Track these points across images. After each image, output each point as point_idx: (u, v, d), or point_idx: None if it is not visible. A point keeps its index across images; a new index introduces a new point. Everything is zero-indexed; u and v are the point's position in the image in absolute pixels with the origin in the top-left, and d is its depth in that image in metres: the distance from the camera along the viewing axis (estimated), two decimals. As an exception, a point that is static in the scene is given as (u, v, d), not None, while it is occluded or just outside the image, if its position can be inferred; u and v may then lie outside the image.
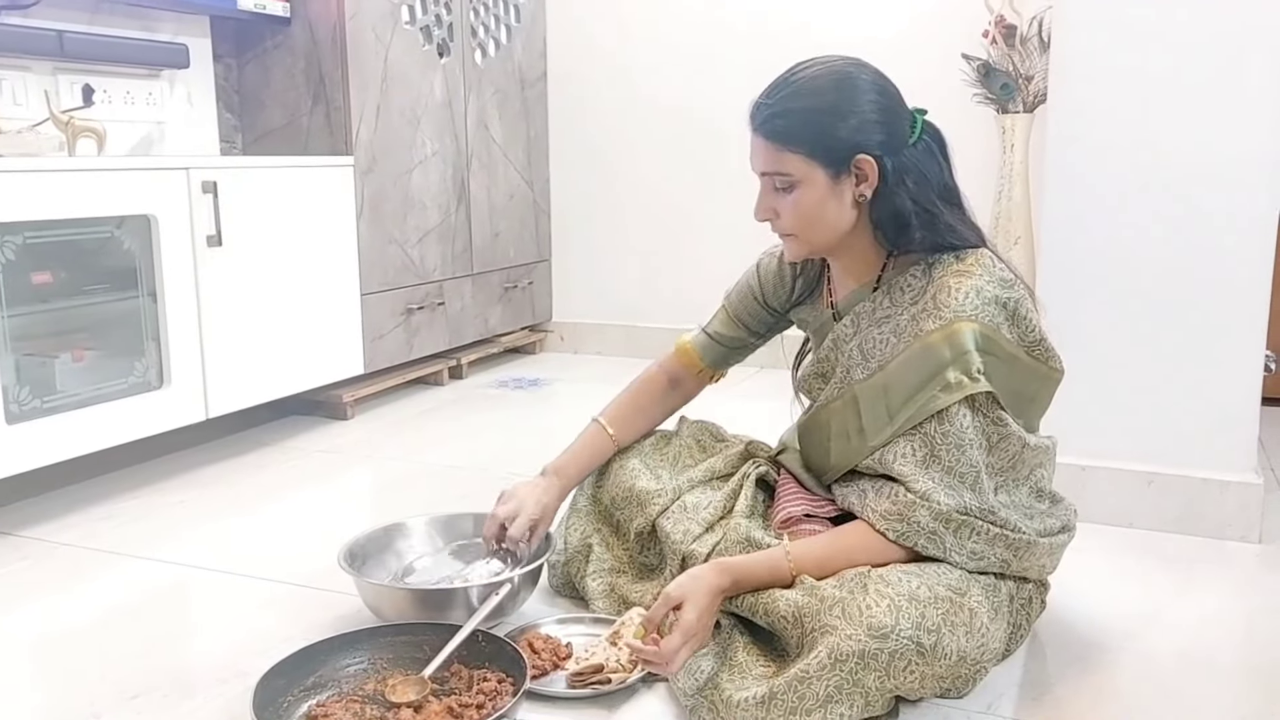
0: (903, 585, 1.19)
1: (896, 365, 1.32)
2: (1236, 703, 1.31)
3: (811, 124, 1.29)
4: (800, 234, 1.35)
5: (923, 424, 1.29)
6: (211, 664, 1.42)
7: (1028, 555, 1.33)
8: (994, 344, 1.29)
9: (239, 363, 2.34)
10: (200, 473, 2.28)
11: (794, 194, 1.32)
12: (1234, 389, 1.80)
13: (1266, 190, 1.74)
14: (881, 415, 1.33)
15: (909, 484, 1.28)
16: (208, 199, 2.23)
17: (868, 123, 1.29)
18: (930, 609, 1.17)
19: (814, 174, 1.30)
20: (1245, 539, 1.81)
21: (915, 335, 1.30)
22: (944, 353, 1.28)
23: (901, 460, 1.30)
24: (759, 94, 1.35)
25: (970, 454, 1.28)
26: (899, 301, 1.35)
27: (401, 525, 1.64)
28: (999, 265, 1.33)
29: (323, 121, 2.68)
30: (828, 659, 1.14)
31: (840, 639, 1.14)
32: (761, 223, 1.38)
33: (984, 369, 1.28)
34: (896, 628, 1.15)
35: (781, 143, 1.30)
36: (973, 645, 1.19)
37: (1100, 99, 1.81)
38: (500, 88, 3.27)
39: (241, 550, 1.83)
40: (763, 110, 1.33)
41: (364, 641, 1.33)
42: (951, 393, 1.27)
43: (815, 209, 1.32)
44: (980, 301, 1.28)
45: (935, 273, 1.32)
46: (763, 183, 1.36)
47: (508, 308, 3.41)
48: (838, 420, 1.40)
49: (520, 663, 1.26)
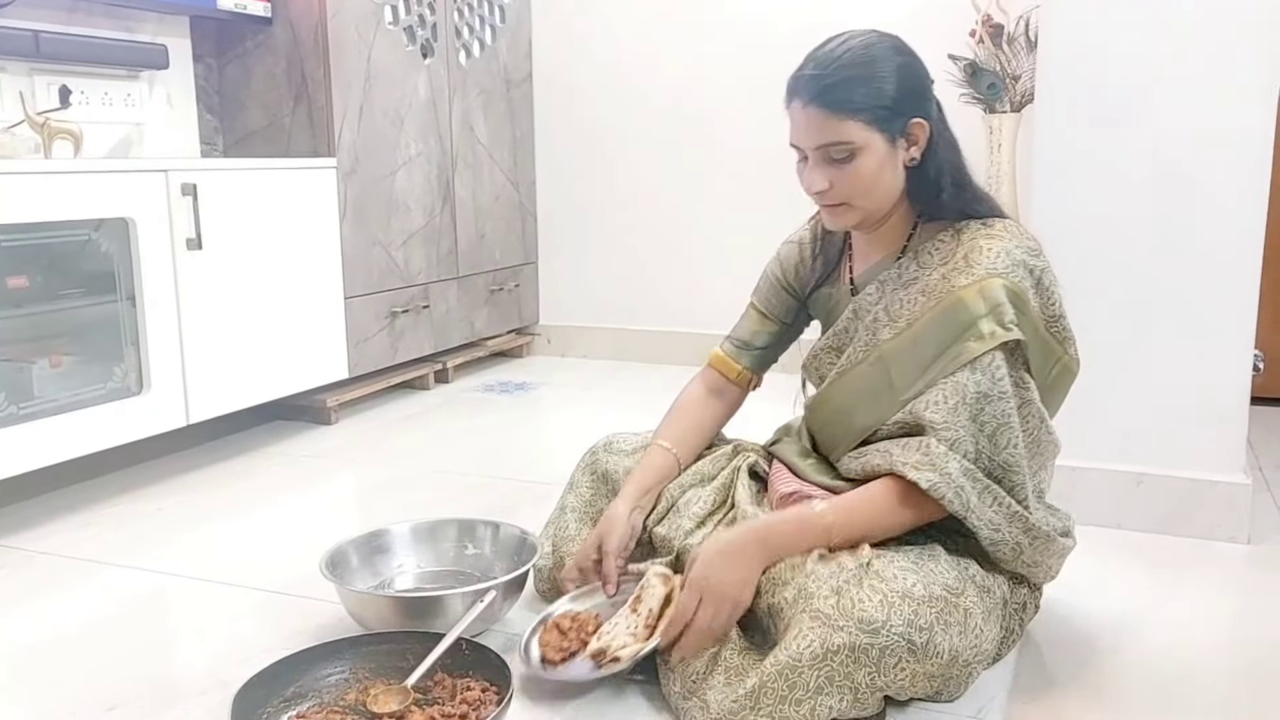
0: (898, 582, 1.18)
1: (927, 320, 1.32)
2: (1227, 705, 1.30)
3: (872, 90, 1.28)
4: (855, 201, 1.34)
5: (955, 373, 1.29)
6: (192, 674, 1.40)
7: (1040, 548, 1.32)
8: (1023, 304, 1.30)
9: (220, 367, 2.31)
10: (181, 479, 2.25)
11: (853, 162, 1.30)
12: (1223, 389, 1.79)
13: (1254, 191, 1.73)
14: (912, 369, 1.32)
15: (940, 432, 1.27)
16: (187, 201, 2.20)
17: (915, 85, 1.32)
18: (924, 607, 1.16)
19: (873, 140, 1.30)
20: (1234, 539, 1.80)
21: (947, 291, 1.31)
22: (978, 305, 1.28)
23: (933, 409, 1.28)
24: (798, 69, 1.34)
25: (1000, 405, 1.28)
26: (927, 264, 1.36)
27: (385, 532, 1.61)
28: (1026, 235, 1.35)
29: (305, 123, 2.65)
30: (820, 649, 1.13)
31: (832, 630, 1.13)
32: (813, 195, 1.36)
33: (1015, 321, 1.29)
34: (888, 623, 1.14)
35: (843, 111, 1.29)
36: (965, 645, 1.18)
37: (1087, 98, 1.80)
38: (485, 88, 3.25)
39: (223, 558, 1.80)
40: (816, 81, 1.30)
41: (345, 650, 1.31)
42: (984, 341, 1.28)
43: (874, 176, 1.32)
44: (1010, 262, 1.30)
45: (964, 236, 1.34)
46: (813, 155, 1.33)
47: (494, 311, 3.39)
48: (863, 382, 1.38)
49: (505, 671, 1.24)
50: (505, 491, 2.13)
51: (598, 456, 1.59)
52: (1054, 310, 1.34)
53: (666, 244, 3.45)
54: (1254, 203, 1.73)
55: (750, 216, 3.28)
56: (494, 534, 1.62)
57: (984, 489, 1.28)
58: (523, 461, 2.36)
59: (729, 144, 3.30)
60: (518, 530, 1.60)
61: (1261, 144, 1.72)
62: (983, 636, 1.21)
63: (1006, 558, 1.31)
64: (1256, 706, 1.29)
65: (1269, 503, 1.98)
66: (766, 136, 3.29)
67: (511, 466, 2.31)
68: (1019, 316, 1.29)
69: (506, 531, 1.61)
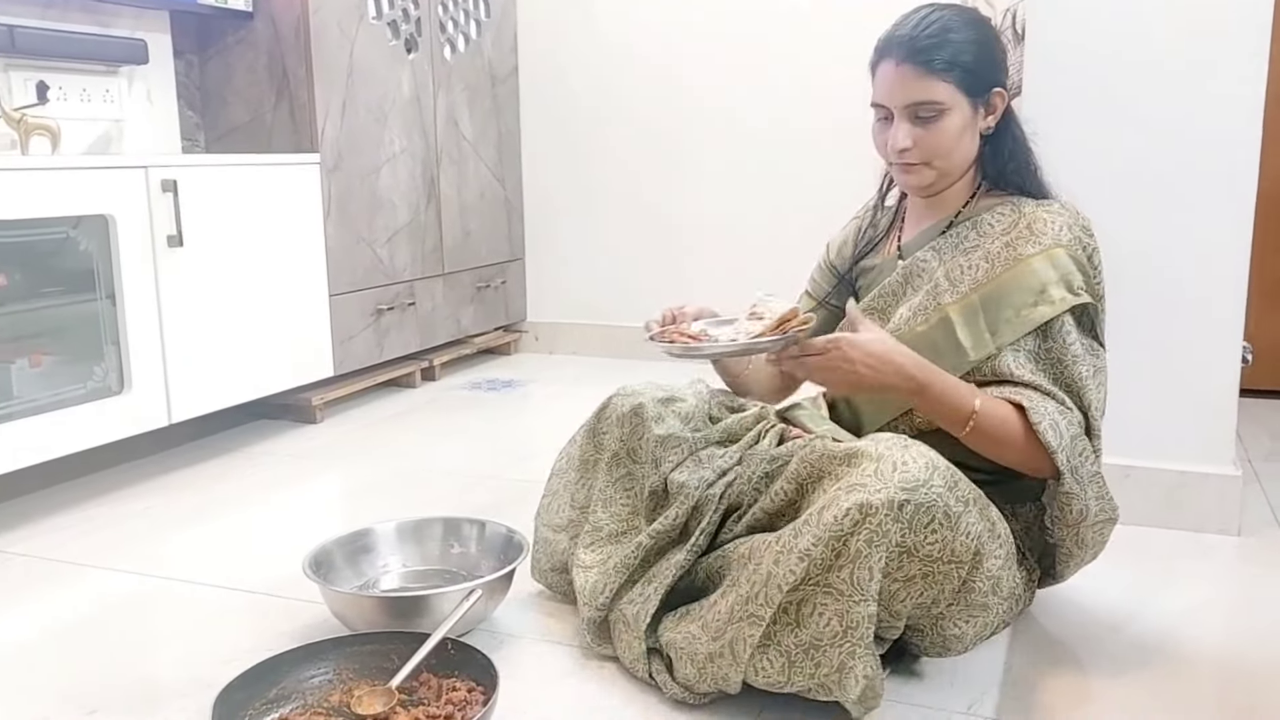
0: (943, 455, 1.19)
1: (995, 285, 1.35)
2: (1220, 699, 1.29)
3: (967, 53, 1.34)
4: (936, 162, 1.38)
5: (1026, 339, 1.32)
6: (173, 677, 1.37)
7: (1100, 528, 1.35)
8: (1087, 272, 1.35)
9: (202, 366, 2.29)
10: (163, 479, 2.22)
11: (940, 122, 1.35)
12: (1212, 381, 1.78)
13: (1243, 181, 1.72)
14: (981, 331, 1.34)
15: (1034, 386, 1.30)
16: (168, 198, 2.18)
17: (999, 59, 1.39)
18: (964, 483, 1.19)
19: (960, 102, 1.35)
20: (1224, 531, 1.79)
21: (1014, 259, 1.34)
22: (1047, 271, 1.33)
23: (1016, 370, 1.31)
24: (892, 30, 1.38)
25: (1076, 369, 1.32)
26: (988, 234, 1.39)
27: (369, 531, 1.60)
28: (1082, 215, 1.40)
29: (287, 119, 2.62)
30: (858, 514, 1.12)
31: (869, 494, 1.12)
32: (895, 153, 1.37)
33: (1084, 286, 1.33)
34: (929, 482, 1.14)
35: (936, 71, 1.33)
36: (991, 548, 1.20)
37: (1075, 91, 1.79)
38: (470, 84, 3.22)
39: (206, 559, 1.78)
40: (911, 42, 1.34)
41: (329, 651, 1.29)
42: (1055, 306, 1.32)
43: (956, 137, 1.36)
44: (1072, 235, 1.35)
45: (1024, 209, 1.39)
46: (900, 114, 1.36)
47: (480, 308, 3.36)
48: (925, 343, 1.36)
49: (491, 671, 1.22)
50: (493, 490, 2.11)
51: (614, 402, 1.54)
52: (1099, 290, 1.38)
53: (655, 239, 3.43)
54: (1242, 194, 1.73)
55: (741, 210, 3.26)
56: (480, 532, 1.60)
57: (1077, 435, 1.31)
58: (510, 460, 2.34)
59: (718, 138, 3.29)
60: (504, 528, 1.58)
61: (1249, 135, 1.71)
62: (1007, 559, 1.23)
63: (1068, 520, 1.32)
64: (1250, 699, 1.28)
65: (1259, 494, 1.97)
66: (755, 131, 3.29)
67: (499, 465, 2.29)
68: (1085, 280, 1.34)
69: (492, 530, 1.59)
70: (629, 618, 1.32)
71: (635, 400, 1.49)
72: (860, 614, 1.13)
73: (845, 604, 1.13)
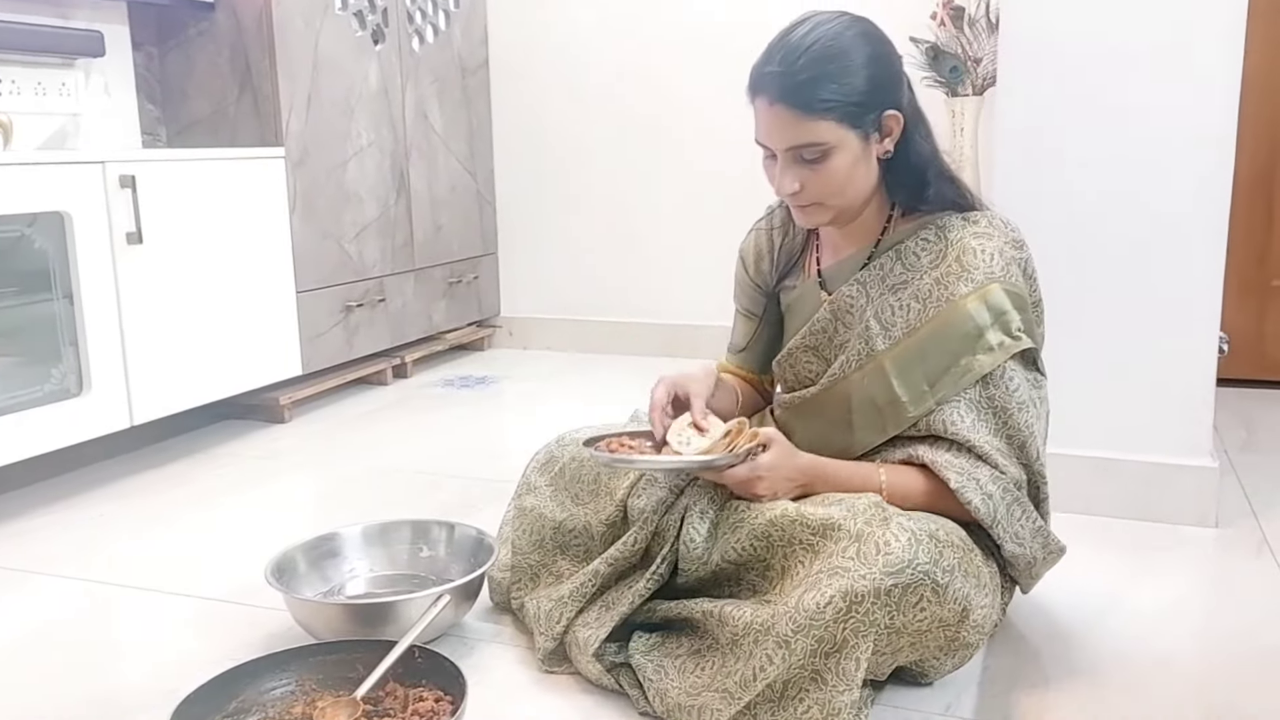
0: (923, 523, 1.16)
1: (930, 330, 1.28)
2: (1200, 692, 1.28)
3: (844, 86, 1.21)
4: (828, 201, 1.29)
5: (968, 391, 1.26)
6: (132, 688, 1.33)
7: (1046, 564, 1.34)
8: (1024, 305, 1.29)
9: (165, 366, 2.23)
10: (123, 484, 2.17)
11: (827, 163, 1.24)
12: (1189, 372, 1.77)
13: (1219, 172, 1.71)
14: (918, 383, 1.28)
15: (969, 447, 1.26)
16: (126, 194, 2.12)
17: (887, 74, 1.26)
18: (948, 550, 1.15)
19: (847, 138, 1.24)
20: (1202, 523, 1.78)
21: (946, 299, 1.27)
22: (982, 315, 1.26)
23: (953, 427, 1.26)
24: (763, 61, 1.26)
25: (1021, 417, 1.27)
26: (915, 266, 1.31)
27: (335, 535, 1.56)
28: (1009, 226, 1.32)
29: (250, 112, 2.57)
30: (843, 603, 1.08)
31: (854, 580, 1.09)
32: (785, 196, 1.30)
33: (1022, 327, 1.27)
34: (915, 560, 1.10)
35: (814, 112, 1.21)
36: (978, 603, 1.17)
37: (1050, 80, 1.77)
38: (439, 76, 3.17)
39: (167, 565, 1.73)
40: (782, 80, 1.22)
41: (291, 662, 1.25)
42: (995, 354, 1.26)
43: (848, 174, 1.26)
44: (1004, 263, 1.28)
45: (951, 235, 1.30)
46: (783, 157, 1.26)
47: (453, 303, 3.32)
48: (860, 392, 1.33)
49: (460, 680, 1.18)
50: (465, 490, 2.07)
51: (553, 452, 1.51)
52: (1037, 295, 1.33)
53: (630, 233, 3.39)
54: (1218, 184, 1.71)
55: (714, 203, 3.23)
56: (449, 535, 1.57)
57: (1014, 500, 1.27)
58: (484, 458, 2.30)
59: (691, 131, 3.25)
60: (474, 531, 1.54)
61: (1225, 125, 1.69)
62: (991, 599, 1.21)
63: (1019, 570, 1.31)
64: (1230, 692, 1.27)
65: (1234, 486, 1.96)
66: (728, 125, 3.25)
67: (473, 464, 2.25)
68: (1023, 319, 1.27)
69: (462, 532, 1.56)
70: (581, 641, 1.28)
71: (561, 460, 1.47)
72: (843, 702, 1.09)
73: (829, 694, 1.09)
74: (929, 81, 2.65)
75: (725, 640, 1.18)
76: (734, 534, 1.24)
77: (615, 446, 1.32)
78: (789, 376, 1.46)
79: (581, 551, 1.41)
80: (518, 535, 1.47)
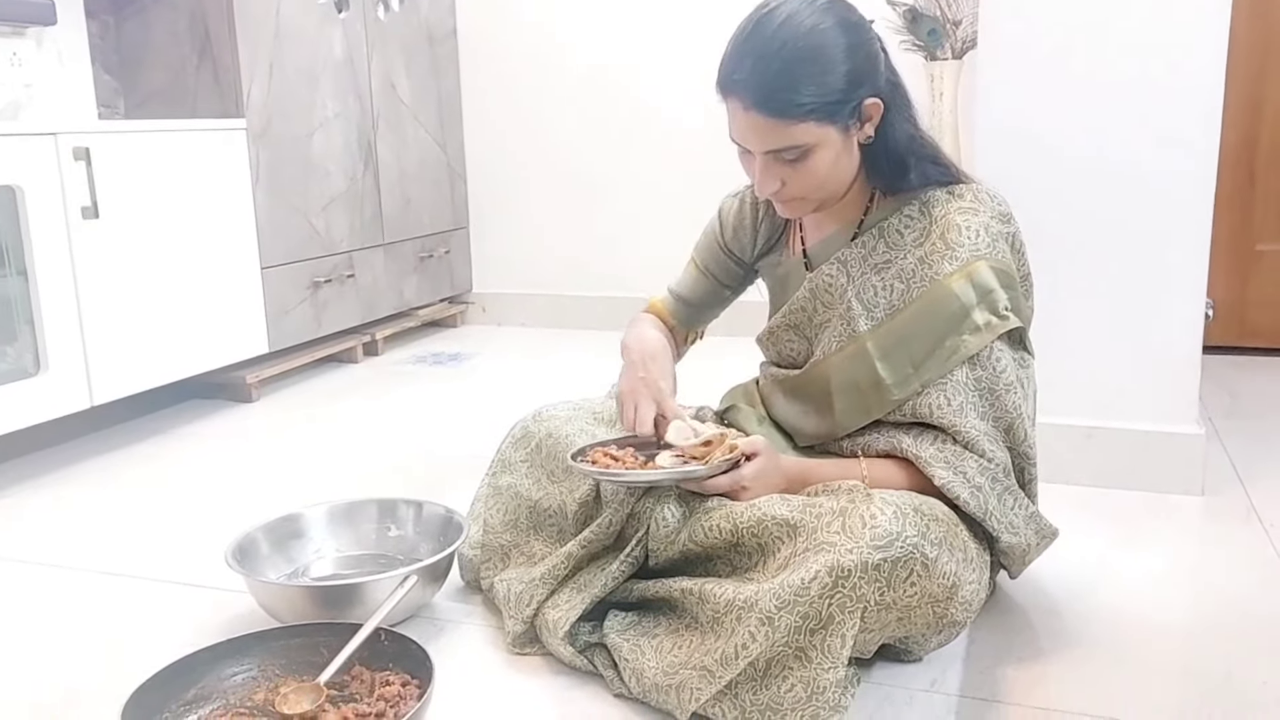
0: (907, 499, 1.13)
1: (914, 311, 1.24)
2: (1188, 662, 1.24)
3: (821, 87, 1.15)
4: (811, 195, 1.25)
5: (955, 371, 1.22)
6: (92, 675, 1.28)
7: (1038, 549, 1.30)
8: (1011, 281, 1.24)
9: (125, 345, 2.16)
10: (84, 465, 2.10)
11: (807, 161, 1.19)
12: (1175, 339, 1.73)
13: (1206, 134, 1.66)
14: (904, 365, 1.24)
15: (954, 433, 1.22)
16: (80, 167, 2.04)
17: (864, 61, 1.19)
18: (934, 524, 1.12)
19: (827, 135, 1.18)
20: (1188, 491, 1.75)
21: (930, 279, 1.23)
22: (968, 293, 1.22)
23: (939, 411, 1.22)
24: (732, 64, 1.18)
25: (1009, 398, 1.24)
26: (898, 244, 1.27)
27: (299, 515, 1.50)
28: (995, 199, 1.28)
29: (210, 82, 2.48)
30: (829, 578, 1.04)
31: (840, 554, 1.05)
32: (766, 195, 1.25)
33: (1009, 305, 1.23)
34: (902, 533, 1.06)
35: (792, 118, 1.15)
36: (966, 578, 1.14)
37: (1031, 43, 1.72)
38: (407, 45, 3.09)
39: (128, 549, 1.67)
40: (755, 88, 1.15)
41: (253, 647, 1.20)
42: (982, 335, 1.22)
43: (830, 169, 1.21)
44: (990, 239, 1.24)
45: (935, 211, 1.26)
46: (762, 158, 1.20)
47: (424, 279, 3.25)
48: (842, 374, 1.29)
49: (427, 663, 1.14)
50: (437, 468, 2.02)
51: (529, 428, 1.47)
52: (1025, 269, 1.30)
53: (604, 205, 3.33)
54: (1205, 147, 1.67)
55: (689, 175, 3.17)
56: (417, 514, 1.52)
57: (1005, 490, 1.24)
58: (457, 436, 2.25)
59: (663, 102, 3.18)
60: (442, 509, 1.49)
61: (1213, 82, 1.65)
62: (979, 575, 1.18)
63: (1014, 559, 1.28)
64: (1218, 662, 1.24)
65: (1220, 453, 1.94)
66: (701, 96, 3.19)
67: (445, 442, 2.20)
68: (1010, 297, 1.23)
69: (430, 510, 1.51)
70: (551, 623, 1.24)
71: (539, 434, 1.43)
72: (828, 680, 1.05)
73: (814, 672, 1.05)
74: (907, 45, 2.59)
75: (705, 618, 1.14)
76: (707, 517, 1.21)
77: (599, 457, 1.28)
78: (772, 354, 1.43)
79: (555, 532, 1.37)
80: (491, 513, 1.43)
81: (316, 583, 1.41)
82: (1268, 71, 2.59)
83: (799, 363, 1.38)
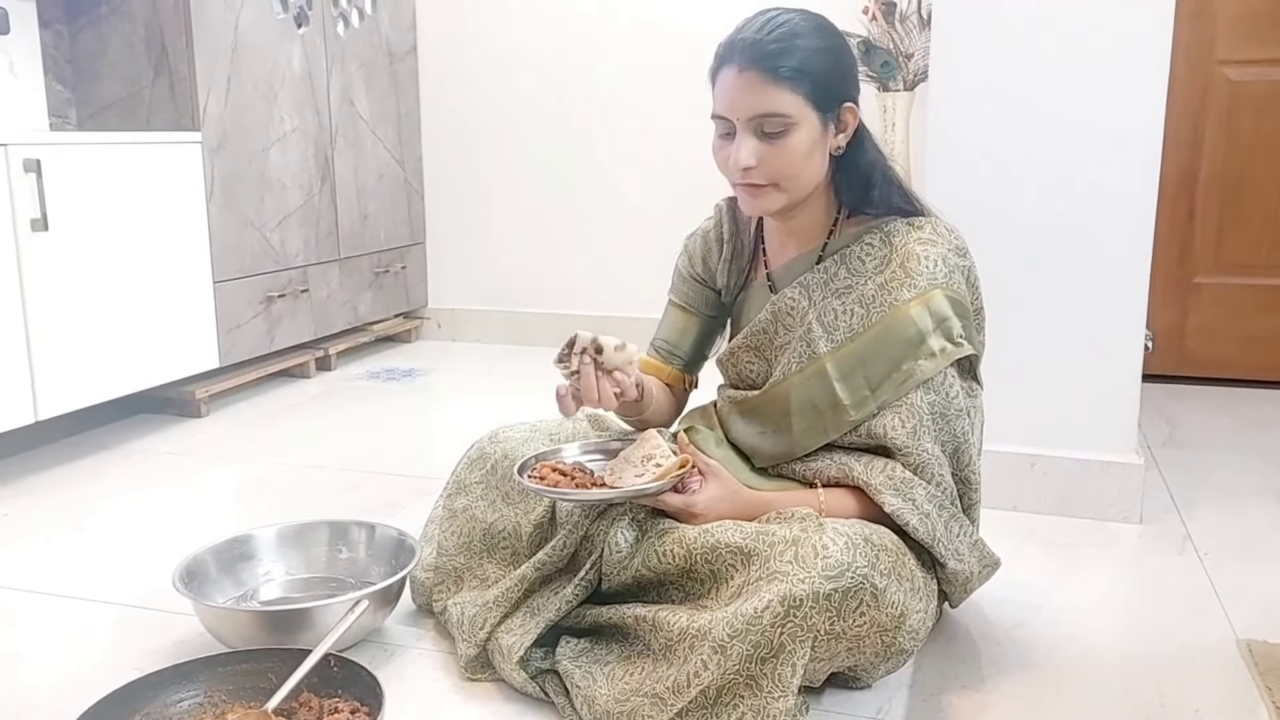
0: (856, 528, 1.16)
1: (873, 336, 1.27)
2: (1126, 692, 1.28)
3: (816, 64, 1.22)
4: (783, 183, 1.26)
5: (909, 395, 1.25)
6: (32, 701, 1.26)
7: (980, 578, 1.33)
8: (965, 311, 1.29)
9: (73, 359, 2.13)
10: (26, 482, 2.06)
11: (788, 138, 1.23)
12: (1115, 369, 1.78)
13: (1146, 168, 1.72)
14: (860, 388, 1.27)
15: (907, 454, 1.25)
16: (30, 178, 2.01)
17: (850, 74, 1.29)
18: (883, 554, 1.15)
19: (809, 117, 1.23)
20: (1127, 519, 1.80)
21: (890, 305, 1.27)
22: (925, 320, 1.25)
23: (893, 432, 1.25)
24: (735, 33, 1.26)
25: (958, 424, 1.27)
26: (859, 271, 1.30)
27: (249, 537, 1.49)
28: (952, 232, 1.32)
29: (166, 94, 2.46)
30: (781, 607, 1.07)
31: (792, 584, 1.08)
32: (737, 171, 1.25)
33: (963, 334, 1.27)
34: (853, 564, 1.10)
35: (785, 81, 1.21)
36: (913, 608, 1.16)
37: (981, 76, 1.77)
38: (366, 61, 3.09)
39: (70, 569, 1.65)
40: (756, 47, 1.22)
41: (199, 672, 1.19)
42: (937, 360, 1.26)
43: (805, 156, 1.25)
44: (948, 269, 1.28)
45: (895, 240, 1.30)
46: (743, 127, 1.23)
47: (379, 294, 3.24)
48: (801, 393, 1.31)
49: (376, 689, 1.14)
50: (389, 488, 2.01)
51: (485, 449, 1.47)
52: (979, 304, 1.34)
53: (560, 222, 3.34)
54: (1145, 182, 1.72)
55: (646, 194, 3.20)
56: (369, 536, 1.51)
57: (951, 517, 1.27)
58: (410, 455, 2.24)
59: (622, 120, 3.21)
60: (394, 531, 1.49)
61: (1152, 124, 1.71)
62: (925, 604, 1.21)
63: (955, 586, 1.31)
64: (1152, 690, 1.27)
65: (1158, 482, 1.99)
66: (659, 114, 3.23)
67: (398, 461, 2.19)
68: (964, 326, 1.27)
69: (383, 533, 1.50)
70: (504, 648, 1.24)
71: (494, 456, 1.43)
72: (778, 709, 1.07)
73: (764, 700, 1.08)
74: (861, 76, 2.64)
75: (658, 646, 1.16)
76: (660, 542, 1.22)
77: (547, 473, 1.29)
78: (732, 375, 1.45)
79: (509, 554, 1.37)
80: (445, 536, 1.43)
81: (265, 607, 1.40)
82: (1206, 108, 2.67)
83: (758, 384, 1.40)
